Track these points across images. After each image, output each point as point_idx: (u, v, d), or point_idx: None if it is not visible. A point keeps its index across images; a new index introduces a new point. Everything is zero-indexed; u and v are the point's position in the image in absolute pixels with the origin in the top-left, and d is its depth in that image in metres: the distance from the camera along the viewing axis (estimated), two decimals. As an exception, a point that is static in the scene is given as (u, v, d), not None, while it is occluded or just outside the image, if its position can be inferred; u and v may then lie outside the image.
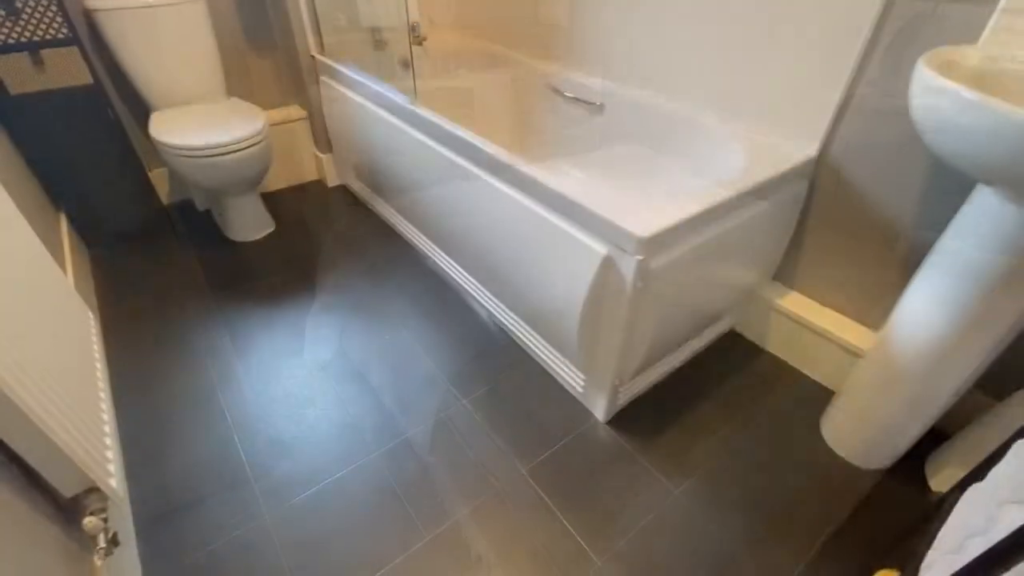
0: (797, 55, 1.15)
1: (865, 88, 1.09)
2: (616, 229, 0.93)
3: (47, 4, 1.42)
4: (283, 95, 2.15)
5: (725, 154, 1.27)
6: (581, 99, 1.69)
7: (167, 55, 1.70)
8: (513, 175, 1.15)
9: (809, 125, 1.19)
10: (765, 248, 1.26)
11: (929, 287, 0.93)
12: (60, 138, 1.58)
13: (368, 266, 1.76)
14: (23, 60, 1.44)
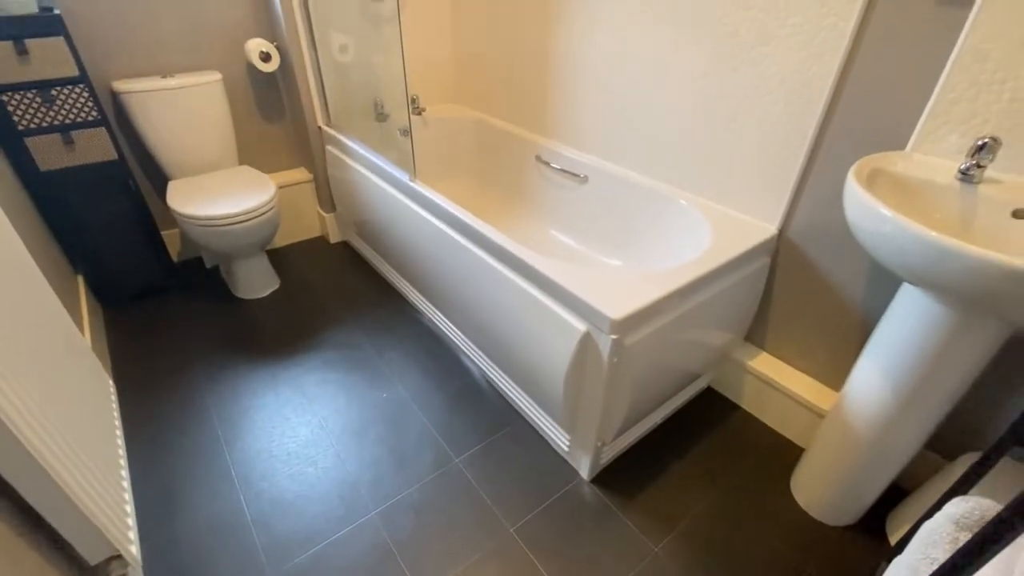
0: (755, 145, 1.30)
1: (815, 178, 1.23)
2: (592, 310, 1.04)
3: (80, 91, 1.56)
4: (291, 160, 2.30)
5: (696, 229, 1.40)
6: (567, 171, 1.84)
7: (186, 130, 1.84)
8: (503, 253, 1.27)
9: (769, 206, 1.32)
10: (734, 317, 1.37)
11: (875, 359, 1.04)
12: (83, 208, 1.70)
13: (367, 322, 1.86)
14: (55, 140, 1.58)
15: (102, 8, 1.68)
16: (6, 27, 1.41)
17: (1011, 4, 0.86)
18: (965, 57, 0.93)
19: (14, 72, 1.45)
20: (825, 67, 1.11)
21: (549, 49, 1.77)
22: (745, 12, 1.21)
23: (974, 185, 0.93)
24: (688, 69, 1.38)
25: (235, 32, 1.93)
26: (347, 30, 1.92)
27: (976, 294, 0.75)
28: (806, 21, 1.11)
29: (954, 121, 0.97)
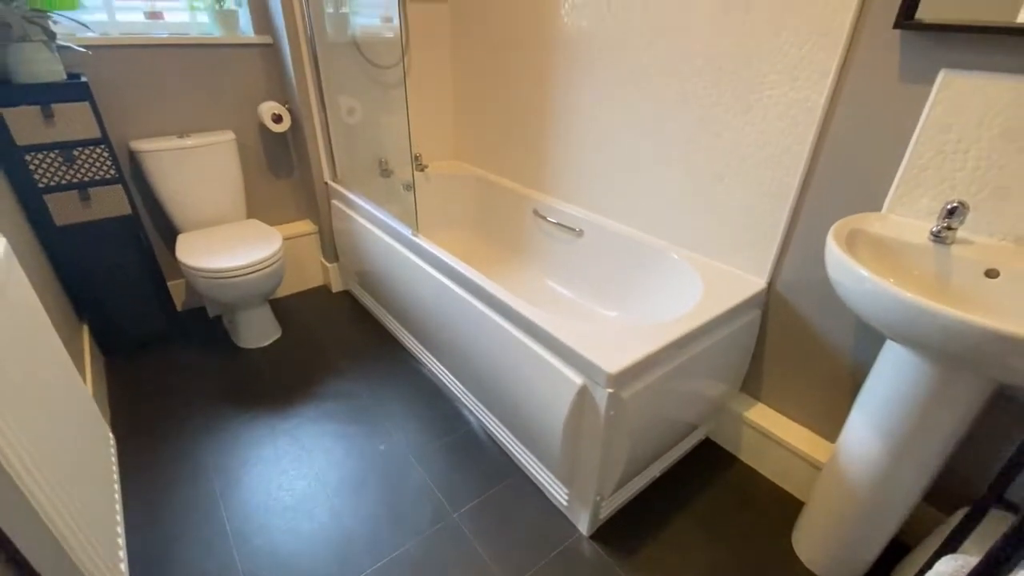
0: (741, 203, 1.37)
1: (799, 235, 1.29)
2: (589, 364, 1.07)
3: (100, 151, 1.64)
4: (297, 213, 2.38)
5: (688, 282, 1.45)
6: (563, 224, 1.91)
7: (198, 186, 1.93)
8: (501, 306, 1.31)
9: (757, 260, 1.38)
10: (728, 368, 1.40)
11: (866, 413, 1.06)
12: (94, 259, 1.75)
13: (367, 372, 1.87)
14: (72, 197, 1.64)
15: (126, 74, 1.79)
16: (36, 93, 1.50)
17: (967, 84, 0.95)
18: (930, 129, 1.01)
19: (40, 134, 1.54)
20: (802, 135, 1.20)
21: (545, 110, 1.88)
22: (726, 85, 1.31)
23: (947, 246, 0.98)
24: (675, 134, 1.47)
25: (250, 95, 2.04)
26: (355, 94, 2.04)
27: (954, 353, 0.79)
28: (782, 95, 1.21)
29: (924, 186, 1.04)
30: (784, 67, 1.18)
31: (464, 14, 2.11)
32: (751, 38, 1.23)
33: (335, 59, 1.98)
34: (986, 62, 0.93)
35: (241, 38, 1.93)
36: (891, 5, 1.01)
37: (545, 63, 1.81)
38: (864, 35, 1.06)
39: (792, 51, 1.16)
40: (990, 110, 0.94)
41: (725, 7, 1.25)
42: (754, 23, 1.21)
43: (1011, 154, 0.93)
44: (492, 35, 2.00)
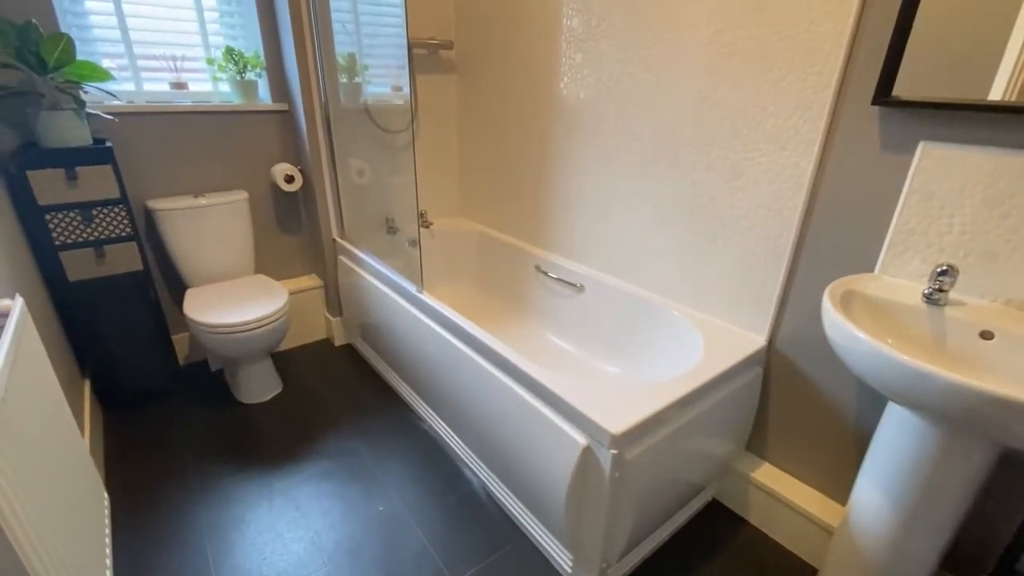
0: (738, 262, 1.41)
1: (796, 294, 1.32)
2: (592, 424, 1.07)
3: (118, 211, 1.70)
4: (303, 267, 2.43)
5: (689, 339, 1.47)
6: (564, 280, 1.95)
7: (210, 243, 1.98)
8: (504, 363, 1.32)
9: (757, 318, 1.40)
10: (732, 426, 1.39)
11: (873, 476, 1.05)
12: (102, 315, 1.78)
13: (367, 428, 1.85)
14: (87, 254, 1.69)
15: (148, 138, 1.89)
16: (62, 156, 1.58)
17: (946, 155, 1.00)
18: (914, 195, 1.06)
19: (61, 195, 1.60)
20: (792, 199, 1.25)
21: (546, 171, 1.96)
22: (718, 152, 1.38)
23: (940, 307, 1.01)
24: (671, 196, 1.53)
25: (264, 157, 2.14)
26: (365, 156, 2.14)
27: (955, 416, 0.79)
28: (771, 162, 1.27)
29: (914, 248, 1.08)
30: (771, 137, 1.25)
31: (470, 83, 2.25)
32: (739, 111, 1.30)
33: (347, 124, 2.08)
34: (963, 135, 0.99)
35: (259, 105, 2.05)
36: (869, 83, 1.08)
37: (545, 127, 1.91)
38: (845, 109, 1.13)
39: (778, 123, 1.23)
40: (971, 179, 0.99)
41: (713, 84, 1.34)
42: (741, 98, 1.29)
43: (994, 220, 0.97)
44: (496, 101, 2.12)
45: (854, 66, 1.09)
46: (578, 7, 1.65)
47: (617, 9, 1.53)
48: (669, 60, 1.43)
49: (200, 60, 1.96)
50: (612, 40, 1.57)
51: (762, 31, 1.21)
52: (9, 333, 0.91)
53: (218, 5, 1.95)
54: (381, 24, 2.11)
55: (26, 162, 1.53)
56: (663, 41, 1.43)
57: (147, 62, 1.87)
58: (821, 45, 1.12)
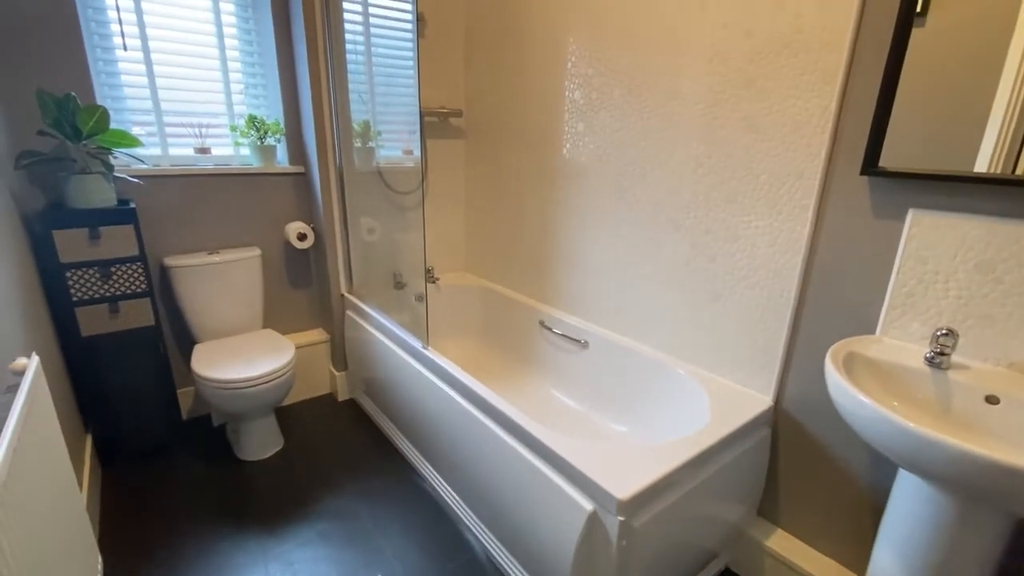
0: (740, 321, 1.42)
1: (800, 354, 1.32)
2: (599, 489, 1.05)
3: (136, 268, 1.76)
4: (311, 322, 2.46)
5: (695, 399, 1.46)
6: (569, 336, 1.96)
7: (221, 299, 2.03)
8: (509, 423, 1.31)
9: (762, 378, 1.40)
10: (742, 490, 1.36)
11: (889, 547, 1.01)
12: (111, 369, 1.79)
13: (368, 489, 1.81)
14: (102, 309, 1.73)
15: (169, 199, 1.97)
16: (87, 217, 1.65)
17: (937, 222, 1.04)
18: (908, 260, 1.09)
19: (83, 253, 1.66)
20: (790, 260, 1.28)
21: (549, 229, 2.02)
22: (716, 215, 1.43)
23: (943, 371, 1.01)
24: (671, 257, 1.57)
25: (278, 216, 2.23)
26: (375, 215, 2.22)
27: (964, 484, 0.78)
28: (767, 225, 1.31)
29: (913, 311, 1.10)
30: (766, 202, 1.31)
31: (477, 147, 2.36)
32: (734, 177, 1.37)
33: (359, 185, 2.18)
34: (951, 203, 1.03)
35: (277, 168, 2.15)
36: (856, 154, 1.14)
37: (549, 188, 1.98)
38: (836, 178, 1.18)
39: (772, 189, 1.29)
40: (962, 245, 1.02)
41: (708, 152, 1.41)
42: (736, 165, 1.36)
43: (989, 284, 1.00)
44: (502, 164, 2.22)
45: (842, 138, 1.16)
46: (579, 82, 1.76)
47: (616, 84, 1.63)
48: (665, 129, 1.51)
49: (224, 127, 2.09)
50: (612, 111, 1.66)
51: (753, 105, 1.29)
52: (23, 394, 0.93)
53: (244, 77, 2.09)
54: (395, 94, 2.25)
55: (52, 222, 1.60)
56: (659, 113, 1.52)
57: (174, 128, 1.99)
58: (809, 119, 1.19)
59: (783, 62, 1.21)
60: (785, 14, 1.19)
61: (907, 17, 1.02)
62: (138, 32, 1.85)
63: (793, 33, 1.19)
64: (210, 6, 1.96)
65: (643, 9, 1.50)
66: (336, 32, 1.98)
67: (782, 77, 1.22)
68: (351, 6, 2.02)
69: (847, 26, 1.10)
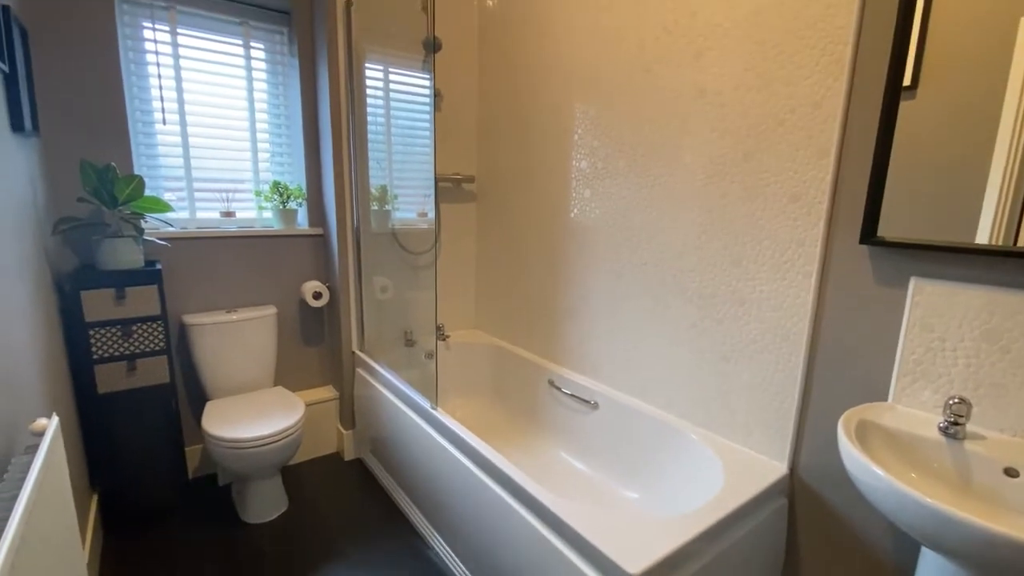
0: (751, 384, 1.42)
1: (813, 420, 1.30)
2: (610, 563, 1.02)
3: (156, 326, 1.81)
4: (321, 378, 2.48)
5: (708, 465, 1.43)
6: (578, 396, 1.95)
7: (235, 357, 2.06)
8: (517, 489, 1.29)
9: (776, 443, 1.37)
10: (760, 564, 1.30)
11: (921, 633, 0.96)
12: (123, 426, 1.81)
13: (372, 556, 1.75)
14: (120, 367, 1.77)
15: (193, 259, 2.06)
16: (114, 278, 1.72)
17: (939, 290, 1.06)
18: (913, 328, 1.10)
19: (108, 312, 1.72)
20: (797, 325, 1.30)
21: (559, 289, 2.06)
22: (721, 279, 1.46)
23: (959, 441, 0.99)
24: (678, 318, 1.59)
25: (295, 275, 2.30)
26: (388, 274, 2.28)
27: (990, 563, 0.75)
28: (772, 290, 1.34)
29: (924, 379, 1.09)
30: (770, 267, 1.34)
31: (488, 210, 2.45)
32: (736, 243, 1.41)
33: (374, 246, 2.26)
34: (953, 273, 1.05)
35: (297, 230, 2.25)
36: (855, 224, 1.18)
37: (557, 249, 2.04)
38: (836, 246, 1.22)
39: (775, 255, 1.32)
40: (967, 314, 1.03)
41: (710, 219, 1.46)
42: (738, 232, 1.40)
43: (996, 354, 1.00)
44: (512, 226, 2.30)
45: (839, 209, 1.20)
46: (585, 152, 1.85)
47: (620, 155, 1.72)
48: (669, 197, 1.58)
49: (249, 192, 2.20)
50: (617, 179, 1.74)
51: (751, 177, 1.35)
52: (41, 457, 0.95)
53: (271, 146, 2.23)
54: (411, 161, 2.37)
55: (82, 283, 1.67)
56: (662, 182, 1.59)
57: (202, 192, 2.11)
58: (806, 190, 1.24)
59: (778, 138, 1.28)
60: (777, 96, 1.28)
61: (895, 92, 1.08)
62: (177, 107, 2.00)
63: (786, 112, 1.26)
64: (245, 84, 2.13)
65: (646, 89, 1.61)
66: (359, 105, 2.13)
67: (778, 152, 1.29)
68: (373, 82, 2.18)
69: (837, 102, 1.17)
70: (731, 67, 1.37)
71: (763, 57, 1.30)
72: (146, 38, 1.92)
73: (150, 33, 1.92)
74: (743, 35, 1.33)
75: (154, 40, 1.93)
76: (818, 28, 1.19)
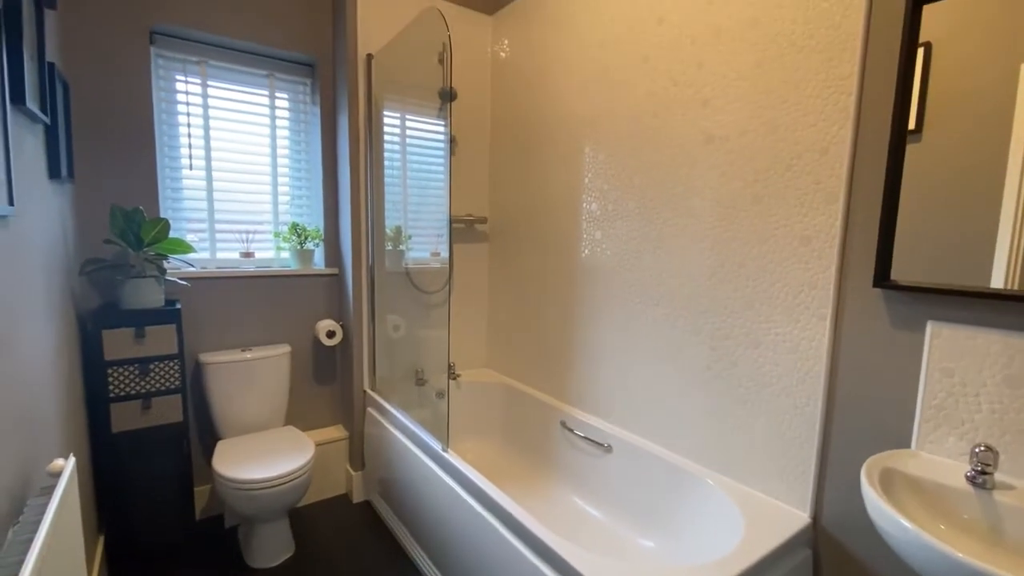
0: (769, 428, 1.39)
1: (835, 466, 1.27)
2: (628, 617, 0.99)
3: (173, 365, 1.84)
4: (332, 417, 2.47)
5: (727, 513, 1.39)
6: (591, 439, 1.92)
7: (248, 395, 2.07)
8: (530, 537, 1.26)
9: (796, 490, 1.33)
10: (787, 621, 1.24)
11: None
12: (134, 466, 1.80)
13: (380, 606, 1.69)
14: (135, 406, 1.78)
15: (211, 298, 2.10)
16: (135, 318, 1.76)
17: (957, 334, 1.05)
18: (933, 373, 1.08)
19: (127, 351, 1.75)
20: (814, 368, 1.28)
21: (572, 328, 2.06)
22: (734, 321, 1.46)
23: (988, 491, 0.96)
24: (693, 360, 1.58)
25: (310, 314, 2.33)
26: (401, 313, 2.30)
27: (1032, 628, 0.72)
28: (787, 333, 1.33)
29: (947, 425, 1.07)
30: (784, 310, 1.34)
31: (500, 249, 2.49)
32: (749, 286, 1.41)
33: (388, 285, 2.29)
34: (970, 317, 1.05)
35: (313, 270, 2.30)
36: (867, 267, 1.18)
37: (569, 288, 2.06)
38: (850, 290, 1.21)
39: (788, 298, 1.32)
40: (987, 358, 1.01)
41: (721, 261, 1.48)
42: (748, 275, 1.41)
43: (1020, 399, 0.98)
44: (523, 265, 2.33)
45: (851, 252, 1.21)
46: (596, 195, 1.90)
47: (630, 198, 1.76)
48: (679, 239, 1.60)
49: (268, 233, 2.27)
50: (627, 221, 1.77)
51: (760, 220, 1.37)
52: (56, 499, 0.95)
53: (291, 189, 2.31)
54: (426, 203, 2.44)
55: (104, 322, 1.71)
56: (672, 224, 1.61)
57: (223, 233, 2.18)
58: (816, 234, 1.26)
59: (787, 183, 1.31)
60: (784, 142, 1.31)
61: (900, 136, 1.10)
62: (204, 153, 2.09)
63: (793, 158, 1.29)
64: (268, 131, 2.22)
65: (655, 135, 1.66)
66: (377, 150, 2.21)
67: (787, 196, 1.31)
68: (391, 128, 2.27)
69: (844, 148, 1.20)
70: (737, 115, 1.41)
71: (768, 106, 1.34)
72: (178, 90, 2.03)
73: (182, 85, 2.03)
74: (748, 85, 1.38)
75: (185, 92, 2.04)
76: (820, 78, 1.23)
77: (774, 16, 1.32)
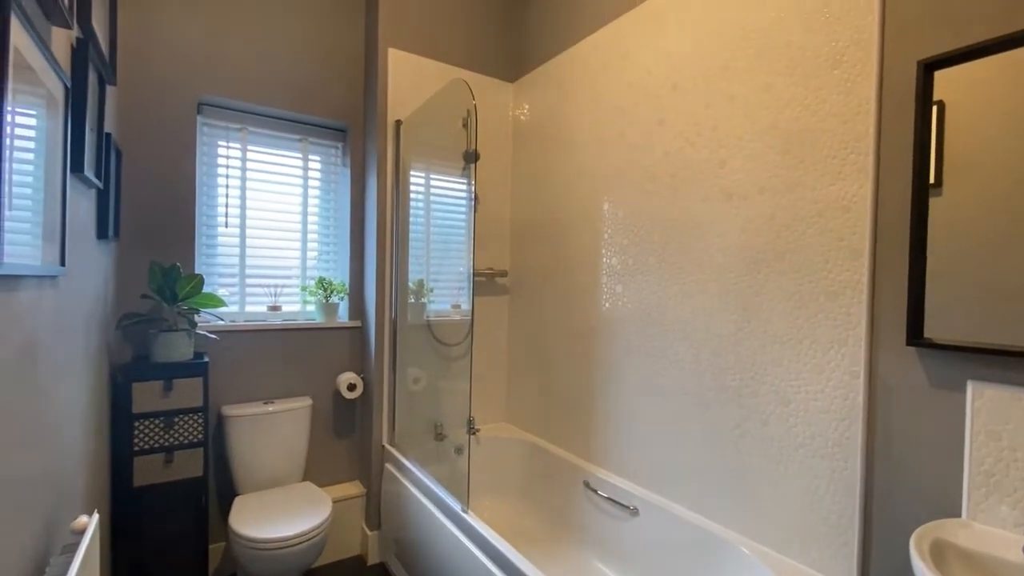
0: (805, 492, 1.32)
1: (880, 536, 1.19)
2: None
3: (197, 418, 1.85)
4: (349, 473, 2.43)
5: (764, 586, 1.30)
6: (615, 500, 1.84)
7: (268, 449, 2.06)
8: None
9: (839, 562, 1.24)
10: None
11: None
12: (151, 522, 1.78)
13: None
14: (158, 459, 1.79)
15: (237, 351, 2.14)
16: (165, 370, 1.80)
17: (1001, 395, 1.01)
18: (979, 436, 1.03)
19: (154, 403, 1.78)
20: (849, 428, 1.23)
21: (593, 384, 2.03)
22: (763, 378, 1.42)
23: (1053, 569, 0.89)
24: (720, 418, 1.53)
25: (332, 367, 2.35)
26: (422, 366, 2.31)
27: None
28: (818, 390, 1.29)
29: (999, 492, 1.01)
30: (813, 368, 1.30)
31: (521, 303, 2.51)
32: (775, 343, 1.39)
33: (409, 338, 2.31)
34: (1014, 377, 1.00)
35: (337, 323, 2.34)
36: (899, 324, 1.16)
37: (590, 343, 2.04)
38: (882, 347, 1.19)
39: (817, 356, 1.30)
40: (1034, 421, 0.97)
41: (747, 317, 1.46)
42: (776, 331, 1.39)
43: (1078, 467, 0.92)
44: (544, 318, 2.33)
45: (880, 309, 1.19)
46: (616, 250, 1.92)
47: (650, 253, 1.77)
48: (702, 294, 1.59)
49: (296, 287, 2.34)
50: (648, 276, 1.78)
51: (785, 276, 1.37)
52: (79, 558, 0.95)
53: (319, 246, 2.39)
54: (448, 257, 2.50)
55: (135, 375, 1.75)
56: (694, 279, 1.62)
57: (253, 288, 2.25)
58: (843, 290, 1.24)
59: (809, 240, 1.31)
60: (803, 200, 1.33)
61: (922, 191, 1.11)
62: (239, 211, 2.20)
63: (814, 216, 1.30)
64: (300, 191, 2.34)
65: (673, 193, 1.69)
66: (403, 208, 2.29)
67: (811, 252, 1.31)
68: (417, 187, 2.36)
69: (865, 206, 1.21)
70: (755, 174, 1.44)
71: (785, 165, 1.37)
72: (219, 154, 2.17)
73: (223, 150, 2.17)
74: (764, 146, 1.42)
75: (226, 156, 2.18)
76: (837, 138, 1.26)
77: (786, 83, 1.37)
